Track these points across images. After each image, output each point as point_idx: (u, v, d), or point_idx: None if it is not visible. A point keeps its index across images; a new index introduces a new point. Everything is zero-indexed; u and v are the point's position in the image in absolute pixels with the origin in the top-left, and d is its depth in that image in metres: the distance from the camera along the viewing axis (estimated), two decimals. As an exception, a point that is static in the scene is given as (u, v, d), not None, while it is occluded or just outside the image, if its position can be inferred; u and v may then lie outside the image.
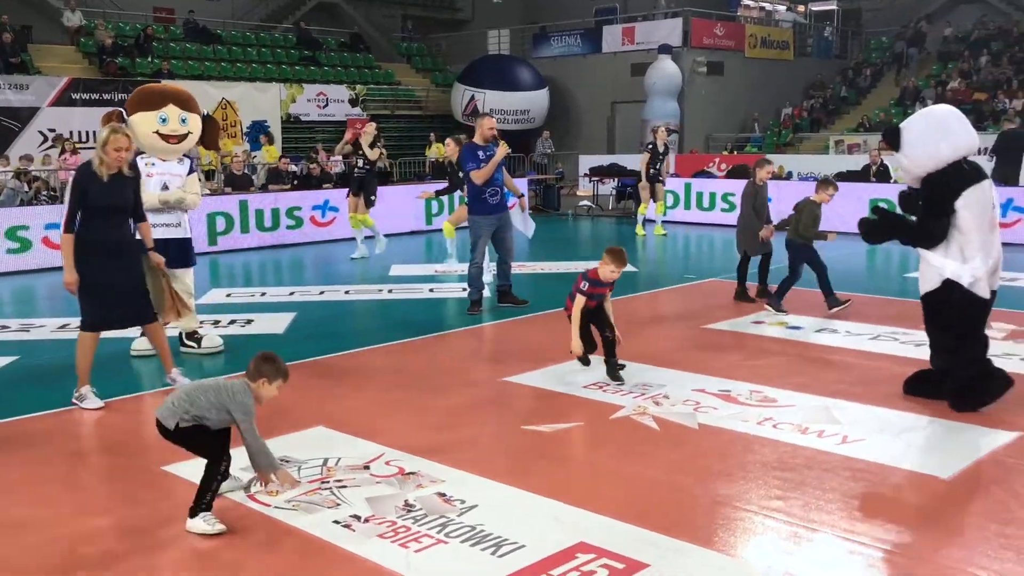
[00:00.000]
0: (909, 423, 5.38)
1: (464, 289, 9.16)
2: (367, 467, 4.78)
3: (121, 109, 7.02)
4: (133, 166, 6.04)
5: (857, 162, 18.45)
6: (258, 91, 23.89)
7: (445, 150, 10.34)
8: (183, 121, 6.96)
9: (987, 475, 4.59)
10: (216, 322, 8.45)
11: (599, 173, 20.23)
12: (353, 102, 25.79)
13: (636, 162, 18.64)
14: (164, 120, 6.88)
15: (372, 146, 12.49)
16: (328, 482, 4.53)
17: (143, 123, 6.86)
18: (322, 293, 10.25)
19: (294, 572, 3.73)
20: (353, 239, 13.37)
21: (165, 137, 6.92)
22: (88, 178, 5.79)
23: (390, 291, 10.39)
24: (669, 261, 13.53)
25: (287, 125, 24.45)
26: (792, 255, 8.41)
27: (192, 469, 4.40)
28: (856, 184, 15.60)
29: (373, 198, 12.79)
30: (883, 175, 16.21)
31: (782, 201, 15.72)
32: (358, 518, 4.16)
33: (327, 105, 25.36)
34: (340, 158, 14.81)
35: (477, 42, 30.01)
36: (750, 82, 27.37)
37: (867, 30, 31.63)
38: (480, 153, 8.67)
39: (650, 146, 15.26)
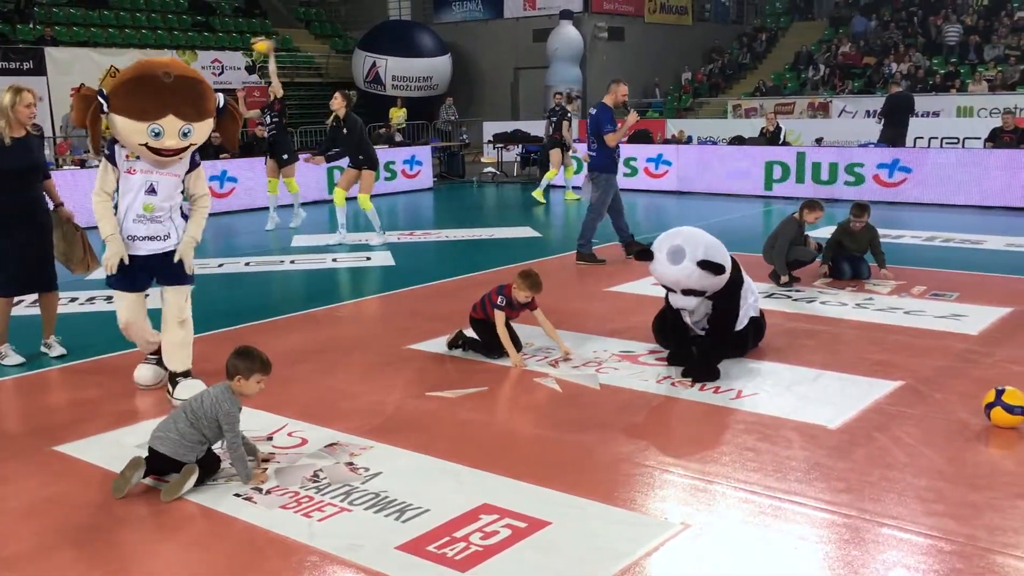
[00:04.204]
0: (799, 376, 5.59)
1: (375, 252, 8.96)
2: (270, 439, 4.73)
3: (98, 94, 5.21)
4: (37, 126, 5.92)
5: (754, 126, 18.91)
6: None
7: (332, 104, 10.35)
8: (185, 135, 5.19)
9: (871, 423, 4.81)
10: (109, 298, 8.16)
11: (503, 139, 20.25)
12: (250, 69, 25.04)
13: (540, 128, 18.68)
14: (158, 135, 5.12)
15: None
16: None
17: (130, 132, 5.14)
18: (221, 265, 10.02)
19: (194, 547, 3.68)
20: (266, 208, 13.10)
21: (156, 151, 5.19)
22: None
23: (292, 262, 10.22)
24: (573, 226, 13.63)
25: (181, 94, 23.58)
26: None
27: (86, 446, 4.24)
28: (753, 148, 16.02)
29: (285, 156, 12.52)
30: (775, 136, 16.68)
31: (683, 166, 16.05)
32: (260, 490, 4.12)
33: (223, 72, 24.57)
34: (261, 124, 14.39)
35: (377, 7, 29.48)
36: (650, 47, 27.65)
37: (762, -5, 32.33)
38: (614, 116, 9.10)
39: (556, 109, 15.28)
